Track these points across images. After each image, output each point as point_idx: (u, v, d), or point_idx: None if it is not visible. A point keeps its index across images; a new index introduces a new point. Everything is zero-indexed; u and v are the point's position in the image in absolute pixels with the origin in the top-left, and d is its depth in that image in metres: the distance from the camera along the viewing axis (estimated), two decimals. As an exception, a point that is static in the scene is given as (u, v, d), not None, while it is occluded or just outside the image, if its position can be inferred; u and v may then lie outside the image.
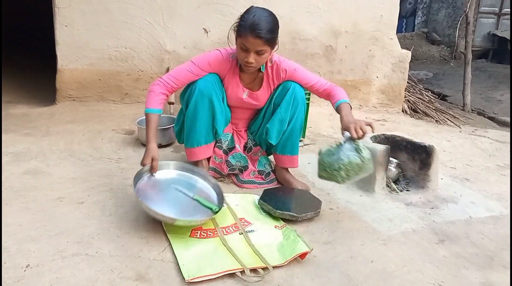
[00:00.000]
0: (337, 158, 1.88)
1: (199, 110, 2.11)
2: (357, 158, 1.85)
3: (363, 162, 1.85)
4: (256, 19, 1.90)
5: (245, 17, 1.94)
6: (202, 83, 2.08)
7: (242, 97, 2.21)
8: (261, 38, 1.90)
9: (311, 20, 3.80)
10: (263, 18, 1.92)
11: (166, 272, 1.54)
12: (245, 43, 1.94)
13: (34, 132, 2.92)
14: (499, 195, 2.45)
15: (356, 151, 1.86)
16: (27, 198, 2.00)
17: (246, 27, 1.91)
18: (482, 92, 5.80)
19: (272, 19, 1.96)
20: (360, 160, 1.85)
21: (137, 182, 1.88)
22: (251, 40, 1.92)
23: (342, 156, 1.87)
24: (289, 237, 1.77)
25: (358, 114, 3.96)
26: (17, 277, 1.45)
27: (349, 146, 1.88)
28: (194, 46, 3.61)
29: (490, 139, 3.62)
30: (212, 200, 1.96)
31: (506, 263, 1.77)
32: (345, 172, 1.87)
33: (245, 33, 1.92)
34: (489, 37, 9.03)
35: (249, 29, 1.90)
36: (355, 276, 1.60)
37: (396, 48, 4.10)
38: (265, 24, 1.91)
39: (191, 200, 1.92)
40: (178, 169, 2.09)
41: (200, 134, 2.18)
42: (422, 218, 2.11)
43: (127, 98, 3.65)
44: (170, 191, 1.95)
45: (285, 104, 2.17)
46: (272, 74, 2.19)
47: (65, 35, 3.40)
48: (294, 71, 2.19)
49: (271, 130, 2.22)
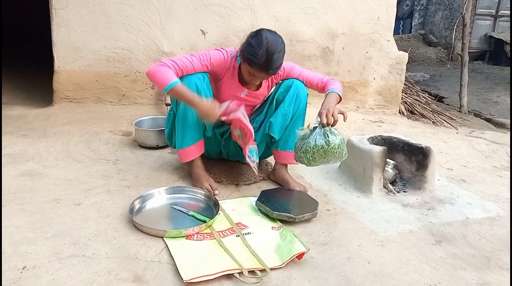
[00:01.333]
0: (307, 141, 1.96)
1: (189, 110, 2.10)
2: (323, 142, 1.92)
3: (328, 146, 1.92)
4: (269, 58, 1.92)
5: (258, 53, 1.92)
6: (186, 81, 2.02)
7: (239, 95, 2.21)
8: (271, 75, 2.00)
9: (308, 21, 3.81)
10: (276, 55, 1.93)
11: (163, 274, 1.53)
12: (255, 74, 1.99)
13: (30, 133, 2.91)
14: (495, 196, 2.46)
15: (323, 136, 1.93)
16: (24, 199, 1.99)
17: (258, 65, 1.94)
18: (479, 94, 5.82)
19: (281, 52, 1.97)
20: (326, 144, 1.92)
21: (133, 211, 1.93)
22: (262, 75, 1.99)
23: (310, 140, 1.95)
24: (286, 238, 1.77)
25: (355, 116, 3.97)
26: (14, 279, 1.44)
27: (319, 131, 1.95)
28: (192, 48, 3.61)
29: (487, 141, 3.63)
30: (208, 212, 1.97)
31: (503, 264, 1.78)
32: (311, 155, 1.94)
33: (256, 68, 1.96)
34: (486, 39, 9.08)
35: (260, 68, 1.95)
36: (352, 277, 1.61)
37: (393, 49, 4.11)
38: (278, 61, 1.96)
39: (188, 216, 1.94)
40: (170, 193, 2.12)
41: (192, 132, 2.17)
42: (419, 219, 2.11)
43: (124, 99, 3.65)
44: (167, 210, 2.01)
45: (289, 99, 2.19)
46: None
47: (62, 36, 3.40)
48: (291, 69, 2.23)
49: (274, 124, 2.23)
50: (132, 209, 1.91)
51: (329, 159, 1.97)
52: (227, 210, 2.00)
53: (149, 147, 2.78)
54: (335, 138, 1.93)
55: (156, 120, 3.00)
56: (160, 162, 2.57)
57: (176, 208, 1.99)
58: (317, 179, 2.49)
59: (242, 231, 1.83)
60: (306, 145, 1.95)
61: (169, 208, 2.01)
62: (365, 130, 3.64)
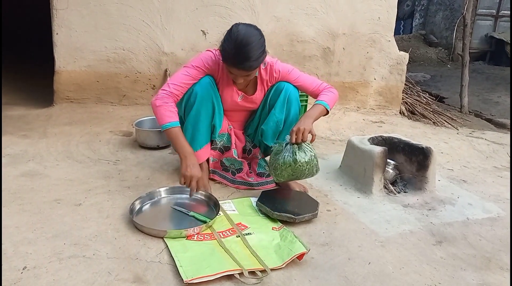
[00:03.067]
0: (277, 157, 2.01)
1: (202, 116, 2.09)
2: (291, 159, 1.96)
3: (295, 164, 1.96)
4: (237, 52, 1.83)
5: (226, 46, 1.87)
6: (200, 88, 2.04)
7: (237, 101, 2.20)
8: (244, 70, 1.90)
9: (309, 22, 3.81)
10: (247, 47, 1.83)
11: (163, 274, 1.53)
12: (231, 71, 1.94)
13: (31, 134, 2.92)
14: (496, 196, 2.46)
15: (292, 153, 1.97)
16: (24, 200, 1.99)
17: (228, 59, 1.88)
18: (480, 94, 5.81)
19: (255, 45, 1.86)
20: (293, 162, 1.96)
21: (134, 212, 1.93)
22: (236, 71, 1.92)
23: (279, 156, 2.00)
24: (286, 238, 1.77)
25: (356, 116, 3.97)
26: (14, 279, 1.44)
27: (289, 148, 1.99)
28: (192, 48, 3.61)
29: (488, 141, 3.63)
30: (208, 213, 1.97)
31: (504, 265, 1.78)
32: (280, 172, 2.00)
33: (228, 64, 1.91)
34: (487, 39, 9.06)
35: (231, 63, 1.88)
36: (353, 278, 1.60)
37: (393, 50, 4.11)
38: (247, 55, 1.84)
39: (189, 216, 1.94)
40: (170, 193, 2.12)
41: (202, 137, 2.16)
42: (420, 219, 2.11)
43: (125, 100, 3.65)
44: (167, 210, 2.01)
45: (279, 105, 2.16)
46: (266, 75, 2.17)
47: (63, 36, 3.40)
48: (288, 72, 2.17)
49: (266, 132, 2.22)
50: (133, 210, 1.91)
51: (298, 175, 2.02)
52: (228, 211, 2.00)
53: (149, 148, 2.78)
54: (304, 155, 1.98)
55: (156, 121, 2.99)
56: (161, 162, 2.57)
57: (176, 209, 1.99)
58: (317, 180, 2.49)
59: (242, 231, 1.83)
60: (276, 161, 2.00)
61: (169, 208, 2.01)
62: (366, 130, 3.64)
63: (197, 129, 2.13)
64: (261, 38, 1.92)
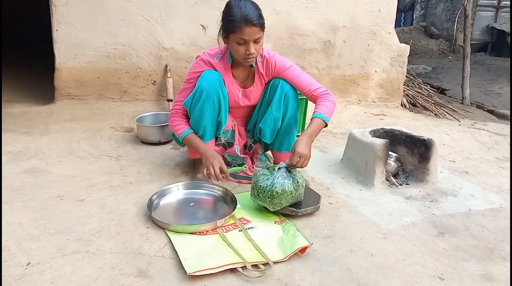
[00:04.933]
0: (272, 183, 1.86)
1: (207, 112, 2.08)
2: (292, 187, 1.87)
3: (296, 192, 1.90)
4: (245, 11, 1.91)
5: (232, 12, 1.94)
6: (207, 84, 2.03)
7: (238, 97, 2.20)
8: (256, 26, 1.92)
9: (309, 15, 3.80)
10: (249, 7, 1.94)
11: (166, 268, 1.54)
12: (243, 36, 1.93)
13: (33, 131, 2.92)
14: (498, 187, 2.45)
15: (292, 180, 1.89)
16: (27, 196, 2.00)
17: (238, 21, 1.91)
18: (481, 86, 5.79)
19: (256, 5, 1.99)
20: (295, 189, 1.89)
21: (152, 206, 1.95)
22: (248, 31, 1.92)
23: (276, 183, 1.86)
24: (289, 232, 1.78)
25: (357, 109, 3.97)
26: (18, 275, 1.45)
27: (285, 174, 1.90)
28: (192, 43, 3.61)
29: (489, 132, 3.62)
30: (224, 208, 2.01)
31: (506, 255, 1.78)
32: (278, 200, 1.86)
33: (239, 27, 1.91)
34: (488, 30, 9.01)
35: (244, 21, 1.90)
36: (355, 270, 1.61)
37: (394, 42, 4.09)
38: (254, 11, 1.93)
39: (206, 211, 1.99)
40: (187, 188, 2.13)
41: (207, 133, 2.15)
42: (422, 211, 2.11)
43: (125, 95, 3.65)
44: (186, 207, 2.02)
45: (276, 103, 2.14)
46: (263, 68, 2.17)
47: (63, 33, 3.39)
48: (283, 69, 2.14)
49: (265, 130, 2.21)
50: (151, 204, 1.93)
51: (294, 202, 1.93)
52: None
53: (151, 143, 2.78)
54: (302, 180, 1.94)
55: (158, 116, 3.00)
56: (163, 158, 2.58)
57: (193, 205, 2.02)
58: (319, 173, 2.49)
59: (245, 226, 1.84)
60: (273, 189, 1.85)
61: (185, 203, 2.03)
62: (367, 123, 3.63)
63: (203, 124, 2.12)
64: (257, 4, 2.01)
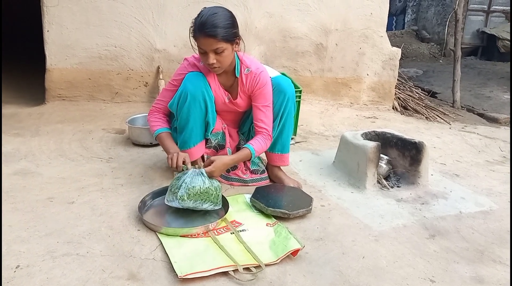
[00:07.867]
0: (183, 179, 1.89)
1: (194, 112, 2.07)
2: (201, 184, 1.88)
3: (206, 190, 1.88)
4: (203, 19, 1.87)
5: (195, 19, 1.91)
6: (191, 85, 2.02)
7: (225, 101, 2.19)
8: (212, 36, 1.86)
9: (302, 18, 3.81)
10: (211, 16, 1.87)
11: (157, 271, 1.53)
12: (200, 45, 1.91)
13: (23, 132, 2.89)
14: (488, 190, 2.48)
15: (203, 179, 1.90)
16: (17, 198, 1.98)
17: (196, 29, 1.89)
18: (471, 89, 5.84)
19: (222, 15, 1.90)
20: (205, 187, 1.88)
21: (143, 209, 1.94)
22: (203, 41, 1.88)
23: (186, 178, 1.88)
24: (281, 234, 1.78)
25: (349, 112, 3.99)
26: (7, 278, 1.43)
27: (198, 174, 1.92)
28: (185, 45, 3.60)
29: (480, 135, 3.66)
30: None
31: (496, 257, 1.79)
32: (186, 194, 1.85)
33: (196, 35, 1.90)
34: (478, 35, 9.10)
35: (198, 30, 1.88)
36: (347, 272, 1.61)
37: (386, 45, 4.12)
38: (213, 21, 1.86)
39: (198, 214, 1.94)
40: None
41: (195, 134, 2.14)
42: (413, 213, 2.12)
43: (117, 97, 3.63)
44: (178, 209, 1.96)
45: (274, 103, 2.16)
46: (247, 81, 2.13)
47: (54, 34, 3.37)
48: (260, 89, 2.13)
49: None
50: (142, 207, 1.91)
51: (190, 195, 1.87)
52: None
53: (142, 145, 2.77)
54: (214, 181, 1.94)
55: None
56: (154, 160, 2.56)
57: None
58: (311, 175, 2.50)
59: (236, 228, 1.83)
60: (172, 186, 1.90)
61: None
62: (359, 126, 3.65)
63: (190, 126, 2.11)
64: (231, 14, 1.95)
